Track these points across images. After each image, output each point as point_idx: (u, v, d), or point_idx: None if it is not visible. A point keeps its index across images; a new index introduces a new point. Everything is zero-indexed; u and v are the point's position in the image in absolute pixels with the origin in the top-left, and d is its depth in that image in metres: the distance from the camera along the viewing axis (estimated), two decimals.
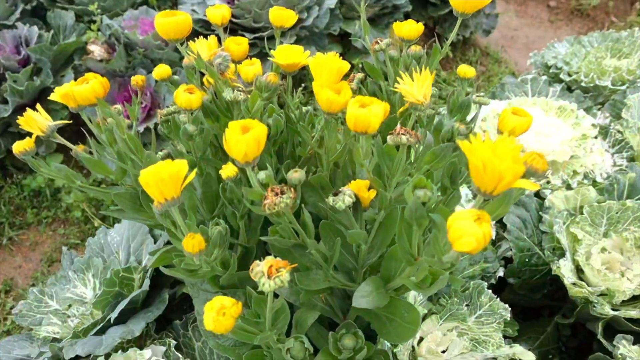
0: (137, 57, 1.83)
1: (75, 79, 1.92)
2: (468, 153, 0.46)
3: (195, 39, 0.87)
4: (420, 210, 0.57)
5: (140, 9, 1.97)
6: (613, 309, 1.08)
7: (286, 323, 0.67)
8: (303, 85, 2.23)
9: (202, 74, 0.92)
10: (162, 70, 0.94)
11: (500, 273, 1.22)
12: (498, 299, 1.12)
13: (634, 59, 1.80)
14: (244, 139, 0.61)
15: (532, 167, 0.53)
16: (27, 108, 1.97)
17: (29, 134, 2.08)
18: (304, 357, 0.65)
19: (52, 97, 0.85)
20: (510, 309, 1.10)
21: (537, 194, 1.32)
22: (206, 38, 0.88)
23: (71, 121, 0.95)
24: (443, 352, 1.11)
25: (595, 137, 1.51)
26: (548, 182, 1.37)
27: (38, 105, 0.85)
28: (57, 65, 1.89)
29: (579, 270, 1.23)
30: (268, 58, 0.85)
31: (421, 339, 1.13)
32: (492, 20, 2.60)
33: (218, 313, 0.56)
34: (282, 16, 0.88)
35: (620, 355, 0.93)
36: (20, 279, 1.74)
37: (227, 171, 0.74)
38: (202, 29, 2.00)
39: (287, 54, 0.81)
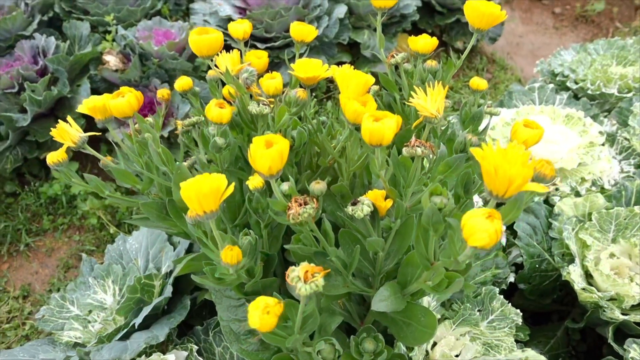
0: (151, 67, 1.87)
1: (91, 89, 1.93)
2: (481, 159, 0.50)
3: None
4: (437, 216, 0.60)
5: (154, 20, 2.01)
6: (623, 314, 1.11)
7: (315, 326, 0.70)
8: (313, 94, 2.27)
9: (223, 84, 0.95)
10: (184, 82, 0.97)
11: (511, 279, 1.24)
12: (510, 304, 1.14)
13: (639, 66, 1.83)
14: (269, 153, 0.65)
15: (541, 173, 0.57)
16: (45, 117, 1.99)
17: (46, 143, 2.10)
18: (334, 358, 0.68)
19: (80, 109, 0.88)
20: (521, 313, 1.13)
21: (547, 201, 1.35)
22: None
23: (100, 133, 0.99)
24: (456, 356, 1.13)
25: (603, 145, 1.53)
26: (557, 189, 1.39)
27: (69, 118, 0.89)
28: (73, 75, 1.93)
29: (588, 276, 1.25)
30: (288, 71, 0.88)
31: (435, 344, 1.16)
32: (498, 28, 2.63)
33: (263, 312, 0.59)
34: (302, 31, 0.92)
35: (631, 359, 0.96)
36: (38, 284, 1.78)
37: (254, 182, 0.77)
38: None
39: (307, 67, 0.85)
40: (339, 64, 2.28)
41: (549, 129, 1.56)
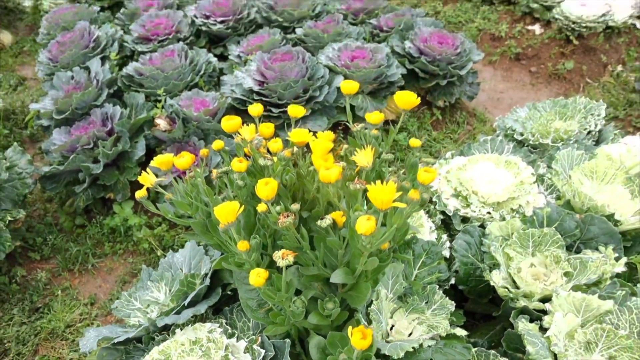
0: (191, 128, 2.44)
1: (146, 146, 2.54)
2: (369, 190, 0.99)
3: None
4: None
5: (193, 91, 2.60)
6: (524, 302, 1.54)
7: (293, 290, 1.18)
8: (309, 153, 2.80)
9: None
10: (218, 144, 1.50)
11: (452, 281, 1.69)
12: (447, 297, 1.59)
13: (574, 121, 2.31)
14: (266, 188, 1.16)
15: (409, 198, 1.05)
16: (109, 167, 2.63)
17: (110, 186, 2.71)
18: (303, 307, 1.16)
19: (152, 163, 1.41)
20: (454, 303, 1.57)
21: (482, 226, 1.81)
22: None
23: (165, 177, 1.51)
24: (409, 335, 1.58)
25: (535, 183, 2.00)
26: (492, 217, 1.85)
27: (148, 169, 1.41)
28: (131, 134, 2.51)
29: (513, 281, 1.69)
30: (287, 138, 1.40)
31: (392, 327, 1.61)
32: (475, 88, 3.15)
33: (256, 276, 1.08)
34: (296, 112, 1.44)
35: (519, 328, 1.39)
36: (101, 295, 2.29)
37: (261, 208, 1.28)
38: (240, 105, 2.62)
39: (299, 135, 1.36)
40: (338, 123, 2.82)
41: (493, 171, 2.03)
